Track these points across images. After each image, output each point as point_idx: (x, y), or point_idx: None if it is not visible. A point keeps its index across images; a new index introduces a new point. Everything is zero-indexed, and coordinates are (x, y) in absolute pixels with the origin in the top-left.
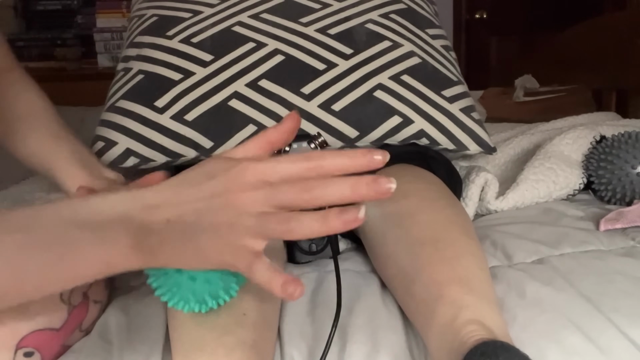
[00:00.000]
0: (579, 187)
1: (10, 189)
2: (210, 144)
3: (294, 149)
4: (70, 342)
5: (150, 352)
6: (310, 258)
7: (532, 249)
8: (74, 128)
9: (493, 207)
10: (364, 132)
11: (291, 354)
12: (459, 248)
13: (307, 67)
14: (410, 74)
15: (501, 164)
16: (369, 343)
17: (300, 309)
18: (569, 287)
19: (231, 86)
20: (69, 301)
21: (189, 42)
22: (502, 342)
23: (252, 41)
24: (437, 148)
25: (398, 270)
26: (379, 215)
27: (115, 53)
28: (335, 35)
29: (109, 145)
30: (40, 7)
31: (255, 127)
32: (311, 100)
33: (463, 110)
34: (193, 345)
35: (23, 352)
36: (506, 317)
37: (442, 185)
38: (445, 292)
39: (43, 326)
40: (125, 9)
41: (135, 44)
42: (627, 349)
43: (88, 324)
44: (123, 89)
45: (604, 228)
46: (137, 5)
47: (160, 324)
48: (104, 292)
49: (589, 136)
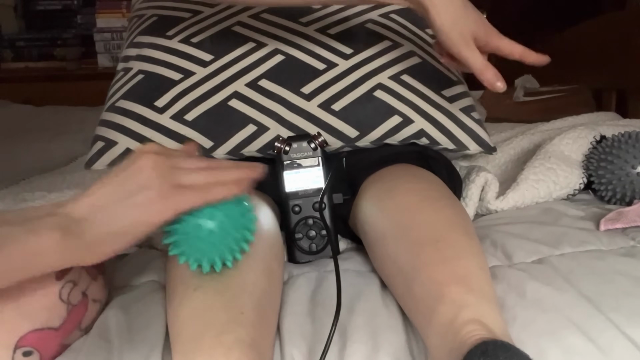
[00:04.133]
0: (579, 187)
1: (11, 189)
2: (210, 144)
3: (294, 148)
4: (69, 342)
5: (150, 352)
6: (310, 258)
7: (532, 248)
8: (74, 128)
9: (493, 207)
10: (364, 132)
11: (291, 354)
12: (459, 248)
13: (307, 67)
14: (410, 74)
15: (501, 164)
16: (369, 343)
17: (300, 309)
18: (569, 287)
19: (231, 86)
20: (68, 300)
21: (188, 42)
22: (502, 341)
23: (252, 41)
24: (437, 148)
25: (398, 270)
26: (379, 215)
27: (115, 53)
28: (335, 35)
29: (109, 145)
30: (40, 7)
31: (255, 127)
32: (311, 100)
33: (463, 110)
34: (192, 344)
35: (22, 352)
36: (506, 316)
37: (442, 185)
38: (446, 292)
39: (42, 325)
40: (125, 9)
41: (135, 44)
42: (627, 349)
43: (87, 323)
44: (123, 89)
45: (604, 228)
46: (137, 5)
47: (160, 323)
48: (103, 291)
49: (589, 136)
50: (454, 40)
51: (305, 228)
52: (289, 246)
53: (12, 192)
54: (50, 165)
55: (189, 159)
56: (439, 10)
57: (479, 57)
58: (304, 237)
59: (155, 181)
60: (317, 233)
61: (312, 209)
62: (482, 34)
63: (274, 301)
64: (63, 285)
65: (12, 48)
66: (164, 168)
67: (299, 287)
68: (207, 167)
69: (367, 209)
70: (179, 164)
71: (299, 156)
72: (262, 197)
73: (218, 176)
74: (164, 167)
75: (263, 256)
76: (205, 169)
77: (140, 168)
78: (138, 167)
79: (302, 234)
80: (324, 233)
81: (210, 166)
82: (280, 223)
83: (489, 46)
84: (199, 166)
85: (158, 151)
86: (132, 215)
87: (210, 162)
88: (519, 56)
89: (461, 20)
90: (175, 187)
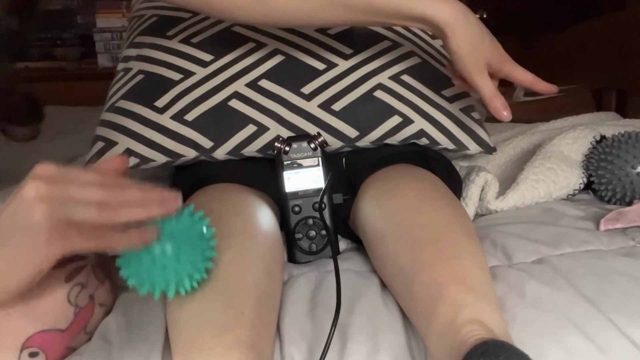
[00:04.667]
0: (579, 187)
1: (11, 189)
2: (210, 144)
3: (294, 148)
4: (75, 345)
5: (150, 352)
6: (310, 258)
7: (532, 249)
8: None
9: (493, 207)
10: (364, 132)
11: (291, 354)
12: (459, 248)
13: (307, 67)
14: (410, 74)
15: (501, 164)
16: (369, 343)
17: (300, 309)
18: (569, 287)
19: (231, 86)
20: (76, 302)
21: (188, 42)
22: (502, 341)
23: (252, 41)
24: (437, 148)
25: (398, 270)
26: (379, 215)
27: (115, 53)
28: (335, 35)
29: (109, 145)
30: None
31: (255, 127)
32: (311, 100)
33: (463, 110)
34: (192, 344)
35: (28, 352)
36: (506, 317)
37: (442, 185)
38: (446, 292)
39: (49, 327)
40: (125, 9)
41: (135, 44)
42: (627, 349)
43: (93, 327)
44: (123, 89)
45: (604, 228)
46: (137, 5)
47: (160, 324)
48: (110, 296)
49: (589, 136)
50: (468, 66)
51: (305, 228)
52: (289, 246)
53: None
54: None
55: (88, 187)
56: (456, 36)
57: (490, 85)
58: (304, 237)
59: (37, 214)
60: (317, 233)
61: (312, 209)
62: (495, 61)
63: (273, 301)
64: (71, 287)
65: None
66: (50, 199)
67: (299, 287)
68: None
69: (367, 209)
70: (71, 194)
71: (299, 156)
72: (262, 197)
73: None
74: (51, 197)
75: (263, 256)
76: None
77: (23, 197)
78: (21, 196)
79: (302, 234)
80: (324, 233)
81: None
82: (280, 223)
83: (501, 72)
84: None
85: (49, 177)
86: (18, 252)
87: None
88: (529, 84)
89: (477, 47)
90: (62, 224)
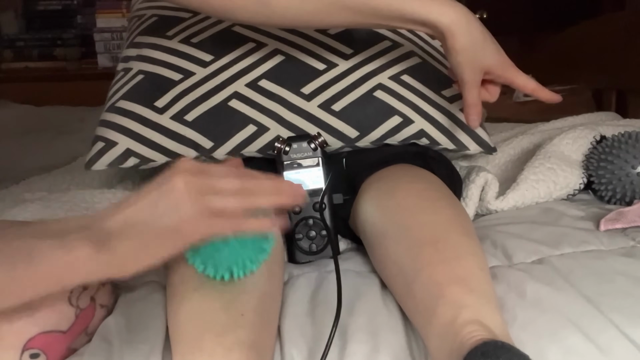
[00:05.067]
0: (579, 187)
1: (11, 189)
2: (210, 144)
3: (294, 148)
4: (76, 346)
5: (150, 353)
6: (311, 258)
7: (532, 249)
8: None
9: (493, 207)
10: (364, 132)
11: (291, 354)
12: (459, 248)
13: (307, 67)
14: (410, 74)
15: (501, 164)
16: (369, 343)
17: (300, 309)
18: (569, 287)
19: (231, 86)
20: (77, 304)
21: (188, 42)
22: (502, 342)
23: (252, 41)
24: (437, 148)
25: (398, 270)
26: (379, 215)
27: (115, 53)
28: (335, 35)
29: (109, 145)
30: (41, 7)
31: (256, 127)
32: (311, 100)
33: None
34: (192, 345)
35: (29, 354)
36: (506, 317)
37: (442, 185)
38: (446, 292)
39: (50, 328)
40: (125, 9)
41: (135, 44)
42: (627, 349)
43: (94, 328)
44: (123, 89)
45: (604, 228)
46: (137, 5)
47: (160, 324)
48: (111, 297)
49: (589, 136)
50: (464, 73)
51: (306, 228)
52: (289, 246)
53: (13, 193)
54: (50, 165)
55: (226, 178)
56: (457, 41)
57: (475, 95)
58: (304, 238)
59: (187, 204)
60: (317, 233)
61: (312, 209)
62: (498, 67)
63: (274, 302)
64: (72, 289)
65: (12, 48)
66: (196, 190)
67: (299, 288)
68: (243, 188)
69: (367, 209)
70: (213, 185)
71: (299, 156)
72: None
73: (253, 201)
74: (197, 189)
75: None
76: (241, 191)
77: (172, 189)
78: (170, 188)
79: (302, 234)
80: (324, 233)
81: (247, 187)
82: None
83: (503, 78)
84: (235, 187)
85: (193, 170)
86: (161, 236)
87: (250, 181)
88: (531, 91)
89: (477, 54)
90: (207, 212)
